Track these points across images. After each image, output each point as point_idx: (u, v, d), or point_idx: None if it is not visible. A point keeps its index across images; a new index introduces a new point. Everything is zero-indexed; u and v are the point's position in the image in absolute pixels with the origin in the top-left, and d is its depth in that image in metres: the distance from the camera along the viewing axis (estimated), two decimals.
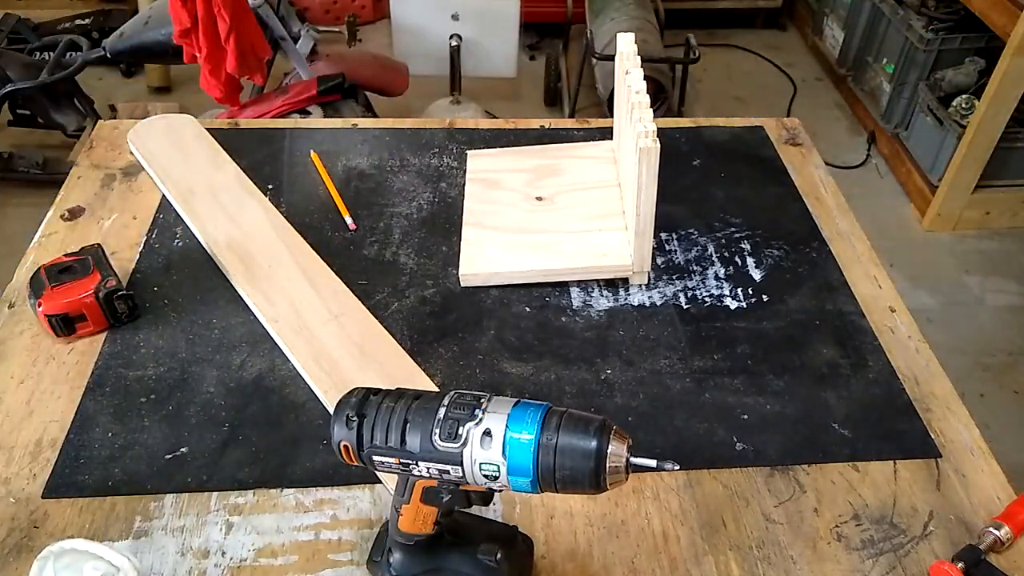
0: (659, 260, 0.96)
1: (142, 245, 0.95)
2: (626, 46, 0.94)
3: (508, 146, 1.12)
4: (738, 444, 0.78)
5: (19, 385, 0.80)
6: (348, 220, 0.99)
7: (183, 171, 1.03)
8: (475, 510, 0.60)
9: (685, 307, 0.91)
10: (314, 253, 0.93)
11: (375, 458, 0.56)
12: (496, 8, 1.83)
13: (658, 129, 1.21)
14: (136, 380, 0.81)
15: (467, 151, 1.11)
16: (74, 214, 0.99)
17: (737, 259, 0.97)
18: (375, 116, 2.10)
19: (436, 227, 0.99)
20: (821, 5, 3.22)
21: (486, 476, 0.54)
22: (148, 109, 2.57)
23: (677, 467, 0.52)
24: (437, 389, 0.78)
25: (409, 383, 0.67)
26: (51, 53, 2.40)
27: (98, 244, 0.89)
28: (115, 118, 2.10)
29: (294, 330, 0.84)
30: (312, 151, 1.09)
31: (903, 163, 2.63)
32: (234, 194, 1.00)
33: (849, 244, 1.00)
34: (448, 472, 0.55)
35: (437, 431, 0.54)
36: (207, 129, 1.13)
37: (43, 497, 0.71)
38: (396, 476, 0.59)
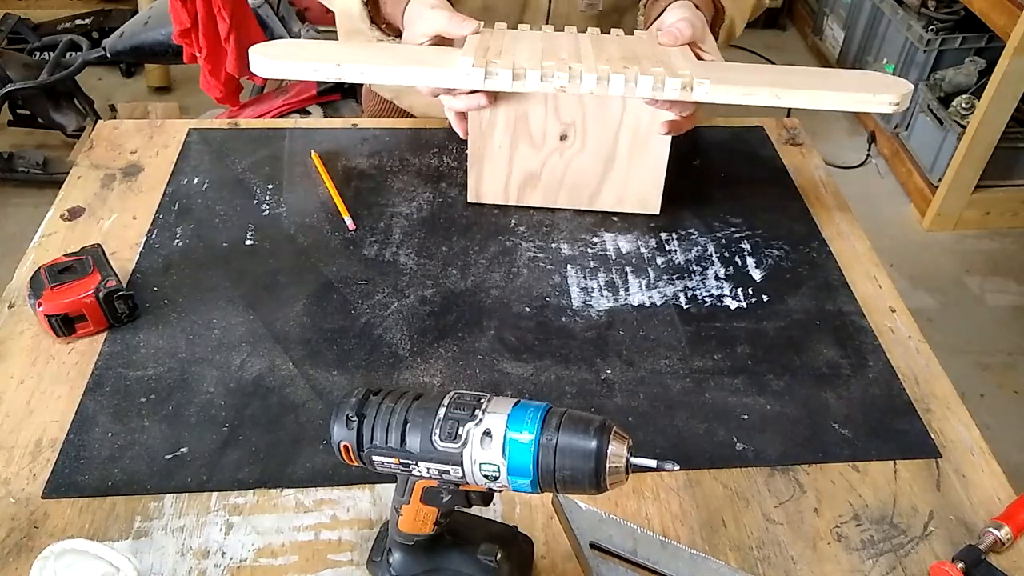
0: (659, 260, 0.96)
1: (142, 245, 0.95)
2: None
3: None
4: (738, 444, 0.78)
5: (19, 385, 0.80)
6: (348, 220, 0.99)
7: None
8: (475, 510, 0.61)
9: (685, 307, 0.91)
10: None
11: (375, 458, 0.57)
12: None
13: None
14: (136, 380, 0.81)
15: (467, 149, 1.10)
16: (74, 214, 0.99)
17: (737, 259, 0.97)
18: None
19: (436, 227, 0.99)
20: (821, 5, 3.23)
21: (486, 476, 0.54)
22: (148, 109, 2.57)
23: (677, 467, 0.52)
24: None
25: None
26: (51, 53, 2.41)
27: (98, 244, 0.89)
28: (115, 118, 2.10)
29: None
30: (312, 151, 1.09)
31: (903, 163, 2.64)
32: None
33: (849, 244, 1.00)
34: (448, 472, 0.55)
35: (437, 431, 0.54)
36: (207, 129, 1.13)
37: (43, 497, 0.71)
38: (396, 476, 0.59)
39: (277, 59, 0.86)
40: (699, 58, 0.90)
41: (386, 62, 0.86)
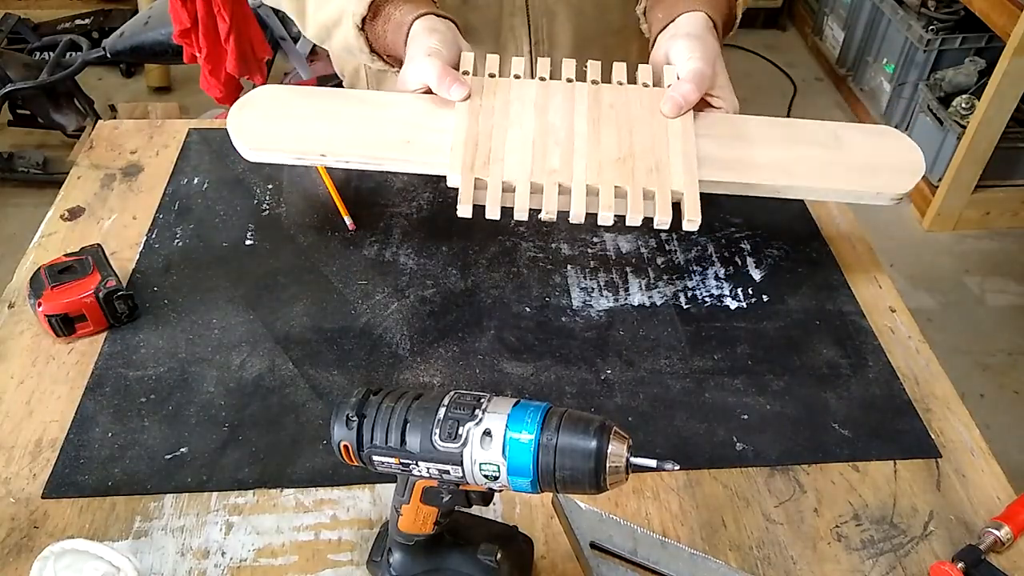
0: (659, 260, 0.96)
1: (142, 245, 0.95)
2: None
3: None
4: (738, 444, 0.78)
5: (19, 385, 0.80)
6: (348, 220, 0.99)
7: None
8: (475, 510, 0.61)
9: (685, 307, 0.91)
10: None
11: (375, 458, 0.57)
12: None
13: None
14: (136, 380, 0.81)
15: None
16: (74, 214, 0.99)
17: (737, 259, 0.97)
18: None
19: (436, 227, 0.99)
20: (821, 5, 3.23)
21: (486, 476, 0.54)
22: (148, 109, 2.57)
23: (677, 467, 0.52)
24: None
25: None
26: (51, 53, 2.41)
27: (98, 244, 0.89)
28: (115, 118, 2.11)
29: None
30: None
31: None
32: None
33: (849, 244, 1.00)
34: (448, 472, 0.55)
35: (437, 431, 0.54)
36: (207, 129, 1.13)
37: (43, 497, 0.71)
38: (396, 476, 0.59)
39: (262, 148, 0.82)
40: (709, 105, 0.86)
41: (371, 147, 0.81)
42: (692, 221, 0.79)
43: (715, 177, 0.81)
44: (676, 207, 0.80)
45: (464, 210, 0.78)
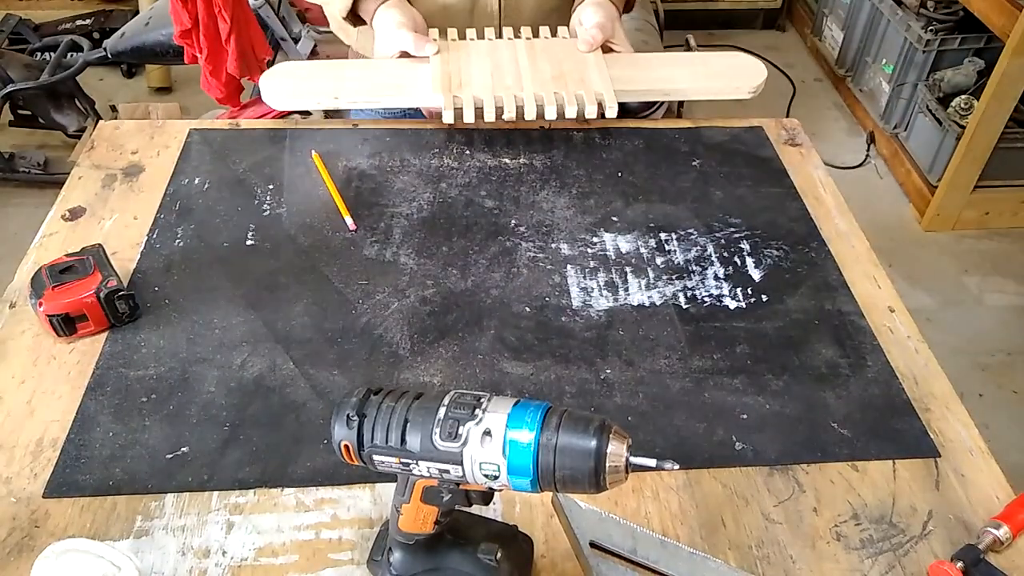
0: (659, 260, 0.97)
1: (143, 245, 0.95)
2: None
3: (508, 146, 1.12)
4: (737, 444, 0.78)
5: (20, 385, 0.80)
6: (348, 220, 0.99)
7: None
8: (475, 509, 0.61)
9: (685, 307, 0.91)
10: None
11: (375, 457, 0.57)
12: None
13: (658, 129, 1.23)
14: (137, 380, 0.81)
15: (467, 150, 1.11)
16: (75, 214, 0.99)
17: (737, 259, 0.97)
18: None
19: (436, 227, 1.00)
20: (820, 6, 3.22)
21: (486, 476, 0.54)
22: (149, 109, 2.57)
23: (677, 467, 0.53)
24: None
25: None
26: (52, 53, 2.41)
27: (99, 244, 0.89)
28: (116, 118, 2.10)
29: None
30: (312, 151, 1.09)
31: (902, 163, 2.64)
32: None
33: (848, 244, 1.01)
34: (448, 472, 0.55)
35: (437, 431, 0.54)
36: (208, 129, 1.13)
37: (44, 497, 0.71)
38: (396, 475, 0.60)
39: (288, 102, 1.08)
40: (611, 50, 1.12)
41: (371, 92, 1.07)
42: (612, 108, 1.03)
43: (623, 87, 1.07)
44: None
45: (448, 116, 1.03)
